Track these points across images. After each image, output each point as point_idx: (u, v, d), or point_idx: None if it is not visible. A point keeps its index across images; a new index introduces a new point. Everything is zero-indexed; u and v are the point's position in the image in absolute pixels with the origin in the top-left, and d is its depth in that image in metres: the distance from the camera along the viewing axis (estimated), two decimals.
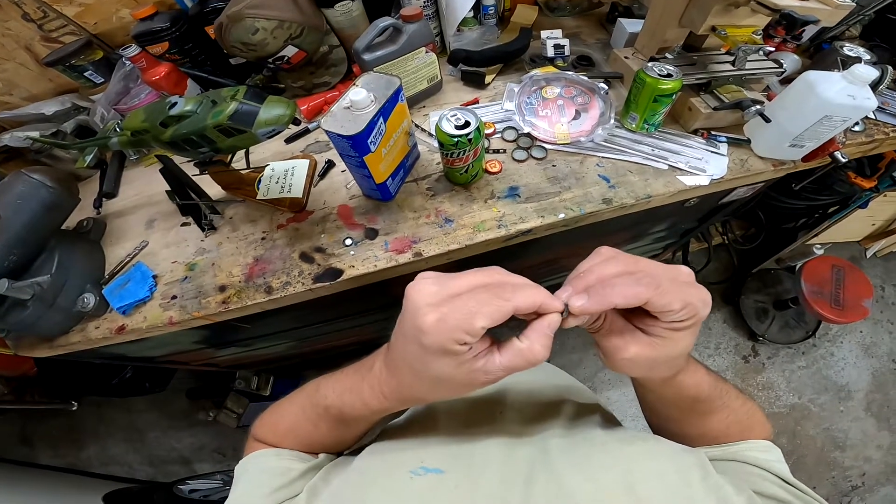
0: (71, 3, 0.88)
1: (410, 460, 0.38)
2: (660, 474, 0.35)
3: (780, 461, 0.43)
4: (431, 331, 0.27)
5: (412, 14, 0.81)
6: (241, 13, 0.79)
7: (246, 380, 1.73)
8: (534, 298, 0.28)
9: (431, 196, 0.79)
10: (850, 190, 1.38)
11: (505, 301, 0.28)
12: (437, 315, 0.27)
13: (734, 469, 0.40)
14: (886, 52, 1.04)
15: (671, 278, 0.30)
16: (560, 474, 0.36)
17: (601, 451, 0.39)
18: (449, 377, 0.29)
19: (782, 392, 1.83)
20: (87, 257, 0.77)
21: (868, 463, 1.71)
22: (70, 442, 1.92)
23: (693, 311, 0.29)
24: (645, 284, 0.28)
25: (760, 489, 0.36)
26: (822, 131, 0.71)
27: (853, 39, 1.11)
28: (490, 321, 0.27)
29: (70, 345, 0.73)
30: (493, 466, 0.38)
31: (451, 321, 0.27)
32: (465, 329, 0.27)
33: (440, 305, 0.28)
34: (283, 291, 0.70)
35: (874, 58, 0.86)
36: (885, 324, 1.98)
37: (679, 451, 0.38)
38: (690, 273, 0.32)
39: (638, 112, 0.80)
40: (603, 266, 0.31)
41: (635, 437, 0.41)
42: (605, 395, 1.83)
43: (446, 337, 0.27)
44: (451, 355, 0.28)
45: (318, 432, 0.44)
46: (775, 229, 1.72)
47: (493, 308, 0.27)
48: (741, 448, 0.43)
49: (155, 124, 0.61)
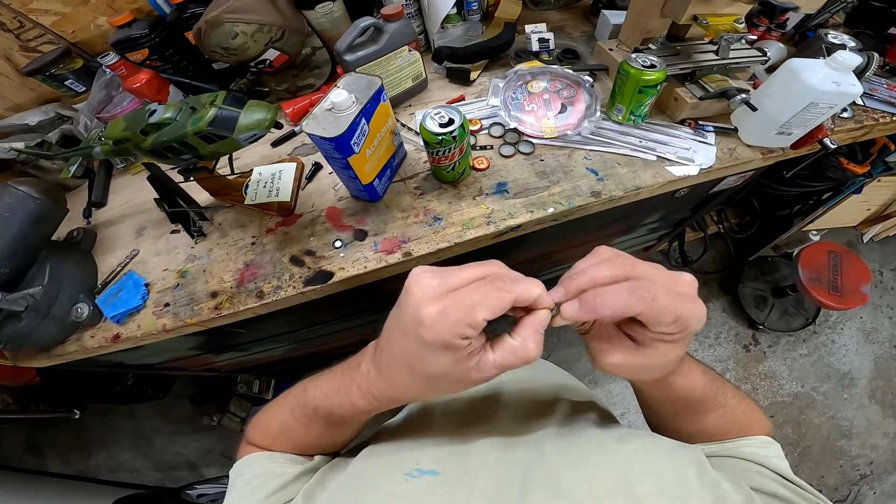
0: (47, 13, 0.87)
1: (406, 462, 0.38)
2: (656, 472, 0.34)
3: (779, 457, 0.42)
4: (433, 324, 0.27)
5: (393, 13, 0.81)
6: (220, 18, 0.79)
7: (248, 383, 1.73)
8: (532, 291, 0.29)
9: (419, 195, 0.79)
10: (843, 176, 1.37)
11: (505, 292, 0.27)
12: (438, 307, 0.27)
13: (732, 466, 0.40)
14: (871, 38, 1.03)
15: (668, 287, 0.29)
16: (556, 474, 0.36)
17: (597, 450, 0.38)
18: (444, 374, 0.29)
19: (785, 381, 1.83)
20: (78, 267, 0.78)
21: (875, 451, 1.70)
22: (78, 450, 1.94)
23: (683, 326, 0.28)
24: (637, 297, 0.27)
25: (759, 486, 0.36)
26: (809, 118, 0.71)
27: (837, 27, 1.11)
28: (491, 313, 0.27)
29: (67, 354, 0.74)
30: (488, 467, 0.37)
31: (454, 314, 0.26)
32: (467, 322, 0.26)
33: (441, 298, 0.27)
34: (274, 296, 0.71)
35: (859, 45, 0.85)
36: (885, 309, 1.97)
37: (675, 449, 0.38)
38: (692, 283, 0.30)
39: (624, 104, 0.80)
40: (598, 268, 0.30)
41: (631, 434, 0.41)
42: (607, 388, 1.83)
43: (448, 330, 0.26)
44: (452, 350, 0.27)
45: (310, 433, 0.43)
46: (770, 217, 1.72)
47: (494, 300, 0.27)
48: (739, 444, 0.43)
49: (135, 132, 0.61)
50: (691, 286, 0.30)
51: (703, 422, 0.44)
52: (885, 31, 1.03)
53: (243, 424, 1.72)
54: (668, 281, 0.29)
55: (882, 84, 0.94)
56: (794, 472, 0.38)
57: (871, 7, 1.04)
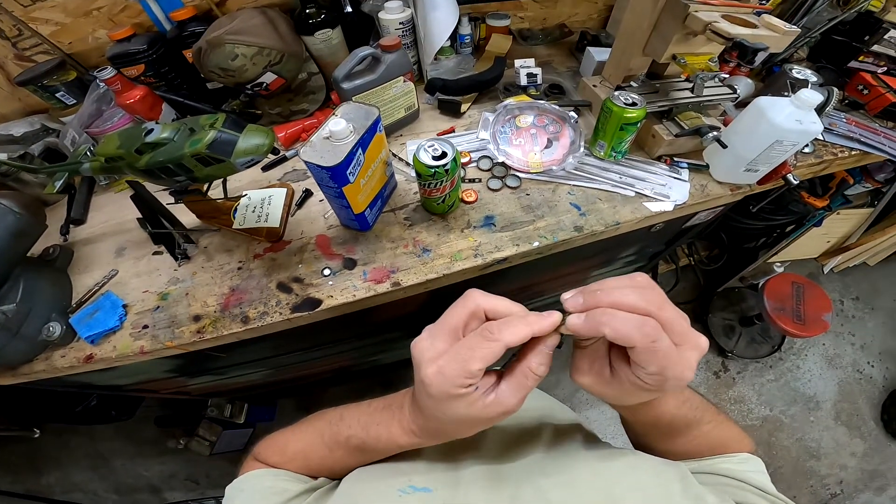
0: (47, 22, 0.86)
1: (399, 480, 0.39)
2: (641, 488, 0.36)
3: (758, 472, 0.43)
4: (434, 383, 0.30)
5: (391, 44, 0.83)
6: (222, 38, 0.79)
7: (219, 407, 1.67)
8: (522, 332, 0.30)
9: (409, 226, 0.80)
10: (805, 209, 1.46)
11: (494, 342, 0.29)
12: (435, 368, 0.30)
13: (713, 482, 0.41)
14: (832, 73, 1.11)
15: (679, 340, 0.28)
16: (545, 491, 0.37)
17: (584, 468, 0.40)
18: (465, 416, 0.31)
19: (754, 405, 1.90)
20: (53, 286, 0.75)
21: (844, 470, 1.77)
22: (30, 468, 1.82)
23: (661, 381, 0.28)
24: (642, 333, 0.27)
25: (741, 500, 0.37)
26: (774, 156, 0.76)
27: (801, 61, 1.19)
28: (484, 363, 0.29)
29: (34, 373, 0.71)
30: (479, 483, 0.39)
31: (449, 371, 0.29)
32: (463, 375, 0.29)
33: (437, 359, 0.30)
34: (260, 321, 0.70)
35: (821, 79, 0.91)
36: (846, 336, 2.08)
37: (660, 465, 0.39)
38: (702, 349, 0.29)
39: (606, 140, 0.83)
40: (626, 293, 0.29)
41: (617, 453, 0.42)
42: (584, 414, 1.85)
43: (448, 385, 0.29)
44: (459, 398, 0.30)
45: (332, 457, 0.44)
46: (737, 249, 1.81)
47: (484, 351, 0.29)
48: (717, 461, 0.44)
49: (130, 151, 0.59)
50: (699, 351, 0.29)
51: (674, 444, 0.46)
52: (844, 65, 1.10)
53: (213, 448, 1.66)
54: (681, 336, 0.28)
55: (842, 118, 1.00)
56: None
57: (832, 41, 1.11)
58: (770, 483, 0.41)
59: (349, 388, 1.82)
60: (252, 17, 0.84)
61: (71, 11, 0.86)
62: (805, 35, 1.08)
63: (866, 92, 1.04)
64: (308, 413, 0.49)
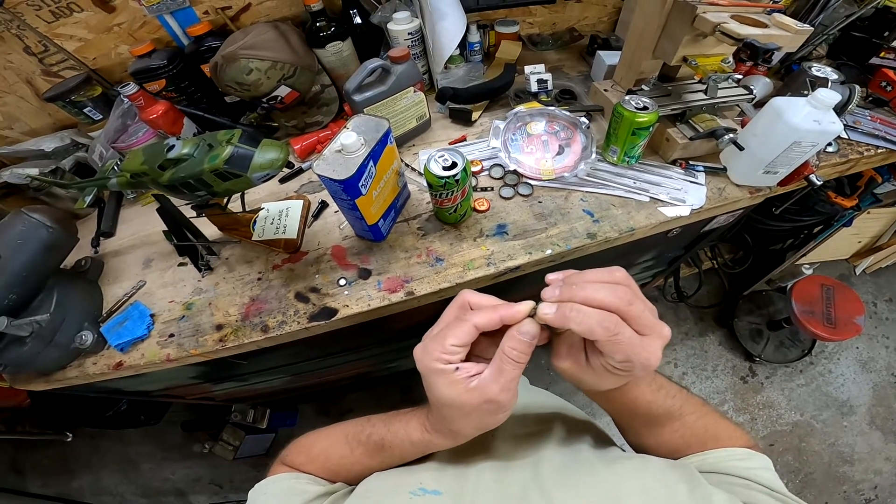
0: (71, 38, 0.89)
1: (410, 482, 0.40)
2: (646, 490, 0.36)
3: (765, 468, 0.41)
4: (420, 358, 0.35)
5: (400, 55, 0.84)
6: (236, 53, 0.82)
7: (242, 413, 1.72)
8: (489, 315, 0.34)
9: (422, 236, 0.80)
10: (833, 210, 1.40)
11: (464, 322, 0.34)
12: (420, 346, 0.36)
13: (718, 482, 0.40)
14: (853, 69, 1.07)
15: (646, 330, 0.31)
16: (551, 494, 0.38)
17: (589, 471, 0.41)
18: (451, 398, 0.34)
19: (783, 410, 1.84)
20: (84, 296, 0.78)
21: (879, 475, 1.70)
22: (62, 472, 1.90)
23: (629, 368, 0.31)
24: (603, 328, 0.30)
25: (749, 500, 0.36)
26: (793, 157, 0.74)
27: (821, 59, 1.15)
28: (458, 339, 0.34)
29: (67, 379, 0.74)
30: (486, 485, 0.40)
31: (430, 347, 0.35)
32: (440, 350, 0.34)
33: (424, 340, 0.37)
34: (279, 330, 0.72)
35: (842, 77, 0.87)
36: (880, 339, 2.00)
37: (665, 467, 0.39)
38: (665, 337, 0.32)
39: (618, 145, 0.82)
40: (598, 290, 0.31)
41: (624, 457, 0.43)
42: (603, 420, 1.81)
43: (429, 359, 0.34)
44: (440, 374, 0.34)
45: (351, 457, 0.46)
46: (763, 251, 1.75)
47: (456, 329, 0.34)
48: (719, 458, 0.43)
49: (153, 167, 0.62)
50: (660, 340, 0.31)
51: (659, 434, 0.46)
52: (866, 62, 1.05)
53: (236, 453, 1.70)
54: (647, 327, 0.31)
55: (865, 116, 0.96)
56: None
57: (852, 38, 1.07)
58: (778, 480, 0.39)
59: (368, 393, 1.84)
60: (265, 32, 0.87)
61: (93, 27, 0.89)
62: (822, 33, 1.05)
63: (889, 89, 1.00)
64: (328, 418, 0.50)
